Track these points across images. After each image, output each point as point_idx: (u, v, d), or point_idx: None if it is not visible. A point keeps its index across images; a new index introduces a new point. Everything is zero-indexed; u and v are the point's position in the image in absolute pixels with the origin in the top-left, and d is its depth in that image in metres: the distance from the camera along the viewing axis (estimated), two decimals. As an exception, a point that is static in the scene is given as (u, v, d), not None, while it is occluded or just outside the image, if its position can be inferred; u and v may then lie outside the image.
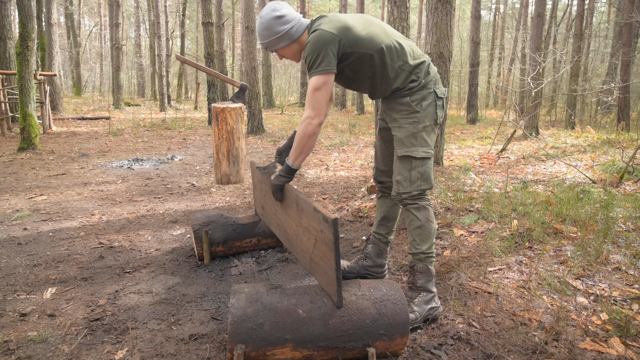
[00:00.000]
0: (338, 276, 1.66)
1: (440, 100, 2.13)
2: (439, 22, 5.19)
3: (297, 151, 1.99)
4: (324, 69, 1.91)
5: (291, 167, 2.04)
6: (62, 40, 27.59)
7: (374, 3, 34.13)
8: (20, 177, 5.44)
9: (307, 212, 1.84)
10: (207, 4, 10.70)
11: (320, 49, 1.91)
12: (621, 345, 1.90)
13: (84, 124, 11.60)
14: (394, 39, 2.06)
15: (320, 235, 1.72)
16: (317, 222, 1.74)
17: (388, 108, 2.20)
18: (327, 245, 1.66)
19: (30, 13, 7.06)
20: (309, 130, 1.94)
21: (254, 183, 2.90)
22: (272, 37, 2.02)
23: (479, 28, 13.24)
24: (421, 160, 2.10)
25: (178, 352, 1.89)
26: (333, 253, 1.63)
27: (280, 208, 2.27)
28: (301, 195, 1.91)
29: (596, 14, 25.08)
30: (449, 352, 1.87)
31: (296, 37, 2.05)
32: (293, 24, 2.02)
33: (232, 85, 4.99)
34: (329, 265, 1.69)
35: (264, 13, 2.02)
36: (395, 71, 2.06)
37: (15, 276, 2.65)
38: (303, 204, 1.87)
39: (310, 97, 1.93)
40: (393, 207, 2.45)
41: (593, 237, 2.95)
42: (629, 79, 11.47)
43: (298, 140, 1.97)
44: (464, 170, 5.46)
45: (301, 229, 1.95)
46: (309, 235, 1.86)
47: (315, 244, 1.81)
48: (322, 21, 2.00)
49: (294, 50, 2.09)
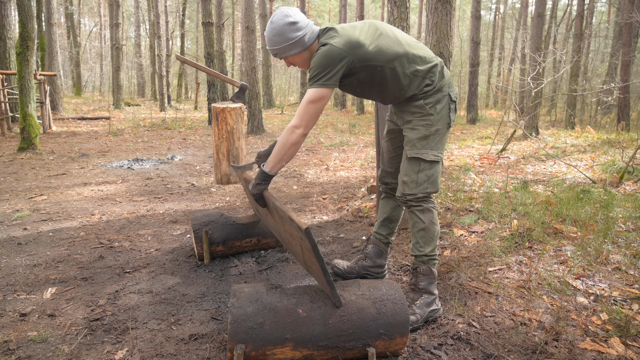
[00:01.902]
0: (328, 279, 1.66)
1: (453, 104, 2.11)
2: (439, 22, 5.19)
3: (277, 158, 1.94)
4: (324, 84, 1.88)
5: (267, 174, 1.99)
6: (62, 40, 27.59)
7: (374, 3, 34.13)
8: (20, 177, 5.44)
9: (286, 220, 1.81)
10: (207, 4, 10.70)
11: (327, 65, 1.88)
12: (621, 345, 1.90)
13: (84, 124, 11.60)
14: (404, 46, 2.02)
15: (302, 242, 1.70)
16: (295, 230, 1.71)
17: (401, 110, 2.16)
18: (310, 251, 1.65)
19: (30, 13, 7.06)
20: (292, 139, 1.90)
21: (243, 187, 2.86)
22: (284, 43, 1.96)
23: (479, 28, 13.25)
24: (430, 163, 2.08)
25: (178, 352, 1.89)
26: (316, 259, 1.62)
27: (268, 213, 2.23)
28: (277, 204, 1.85)
29: (596, 14, 25.08)
30: (449, 352, 1.87)
31: (308, 44, 1.99)
32: (306, 31, 1.97)
33: (232, 85, 4.99)
34: (317, 269, 1.69)
35: (276, 18, 1.96)
36: (408, 78, 2.02)
37: (15, 276, 2.65)
38: (281, 213, 1.83)
39: (303, 107, 1.89)
40: (396, 209, 2.44)
41: (593, 237, 2.95)
42: (629, 79, 11.47)
43: (280, 147, 1.93)
44: (464, 170, 5.46)
45: (288, 235, 1.93)
46: (295, 241, 1.85)
47: (302, 249, 1.80)
48: (332, 34, 1.95)
49: (304, 58, 2.03)
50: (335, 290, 1.70)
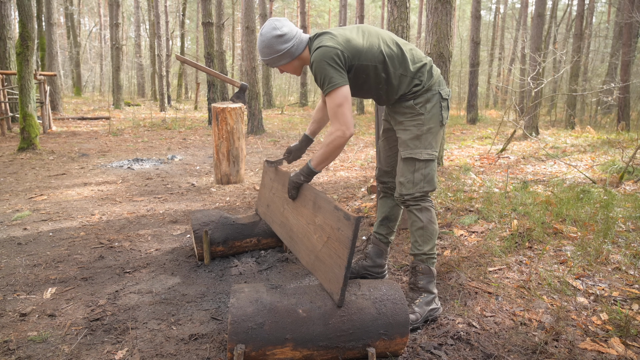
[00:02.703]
0: (346, 274, 1.69)
1: (445, 102, 2.14)
2: (439, 22, 5.19)
3: (323, 158, 2.03)
4: (337, 83, 1.92)
5: (313, 170, 2.09)
6: (62, 40, 27.59)
7: (374, 3, 34.15)
8: (20, 177, 5.44)
9: (324, 210, 1.90)
10: (207, 4, 10.70)
11: (327, 65, 1.92)
12: (621, 345, 1.90)
13: (84, 124, 11.60)
14: (393, 46, 2.08)
15: (336, 233, 1.77)
16: (334, 220, 1.79)
17: (393, 111, 2.21)
18: (343, 243, 1.71)
19: (30, 13, 7.06)
20: (340, 142, 1.96)
21: (263, 181, 2.92)
22: (273, 55, 2.04)
23: (479, 28, 13.25)
24: (425, 162, 2.11)
25: (178, 352, 1.89)
26: (347, 251, 1.67)
27: (290, 206, 2.32)
28: (321, 194, 1.97)
29: (596, 14, 25.09)
30: (449, 352, 1.87)
31: (297, 54, 2.06)
32: (294, 42, 2.03)
33: (232, 85, 4.99)
34: (339, 263, 1.73)
35: (265, 31, 2.03)
36: (398, 78, 2.08)
37: (15, 276, 2.65)
38: (322, 202, 1.93)
39: (335, 112, 1.93)
40: (395, 208, 2.45)
41: (593, 237, 2.95)
42: (629, 79, 11.47)
43: (326, 148, 1.99)
44: (464, 170, 5.46)
45: (312, 227, 2.00)
46: (322, 232, 1.90)
47: (326, 242, 1.85)
48: (322, 38, 2.01)
49: (295, 66, 2.12)
50: (345, 287, 1.72)
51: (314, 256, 1.97)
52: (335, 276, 1.75)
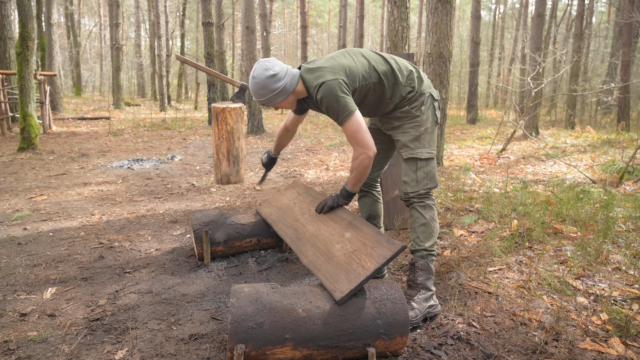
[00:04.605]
0: (361, 282, 1.76)
1: (436, 102, 2.28)
2: (439, 22, 5.19)
3: (356, 180, 2.14)
4: (349, 112, 2.00)
5: (350, 192, 2.20)
6: (62, 40, 27.59)
7: (373, 3, 34.16)
8: (20, 177, 5.44)
9: (362, 231, 2.02)
10: (207, 4, 10.70)
11: (336, 99, 2.00)
12: (621, 345, 1.90)
13: (84, 124, 11.60)
14: (381, 62, 2.17)
15: (369, 250, 1.88)
16: (372, 241, 1.92)
17: (387, 117, 2.30)
18: (373, 258, 1.83)
19: (30, 13, 7.06)
20: (367, 163, 2.07)
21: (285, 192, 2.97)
22: (269, 94, 2.09)
23: (479, 28, 13.24)
24: (426, 161, 2.23)
25: (178, 352, 1.89)
26: (375, 264, 1.79)
27: (313, 216, 2.42)
28: (360, 219, 2.13)
29: (596, 14, 25.09)
30: (449, 352, 1.87)
31: (292, 90, 2.13)
32: (287, 79, 2.09)
33: (232, 85, 5.00)
34: (359, 271, 1.82)
35: (257, 73, 2.07)
36: (391, 89, 2.18)
37: (15, 276, 2.65)
38: (362, 225, 2.07)
39: (355, 139, 2.03)
40: (374, 205, 2.56)
41: (593, 237, 2.95)
42: (629, 79, 11.47)
43: (356, 172, 2.10)
44: (464, 170, 5.46)
45: (337, 237, 2.11)
46: (348, 245, 2.00)
47: (352, 252, 1.94)
48: (319, 74, 2.05)
49: (290, 101, 2.19)
50: (353, 293, 1.77)
51: (324, 258, 2.03)
52: (352, 277, 1.81)
